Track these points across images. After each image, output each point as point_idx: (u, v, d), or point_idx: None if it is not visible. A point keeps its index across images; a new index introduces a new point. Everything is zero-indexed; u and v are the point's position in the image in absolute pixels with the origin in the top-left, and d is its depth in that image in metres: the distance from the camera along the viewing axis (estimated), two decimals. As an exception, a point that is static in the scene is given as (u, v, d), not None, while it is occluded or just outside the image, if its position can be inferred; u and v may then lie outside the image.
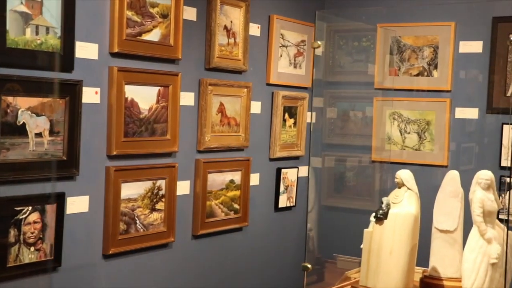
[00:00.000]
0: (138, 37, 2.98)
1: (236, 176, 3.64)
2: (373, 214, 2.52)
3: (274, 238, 4.03)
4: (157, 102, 3.11)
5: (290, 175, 4.08)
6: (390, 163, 4.13)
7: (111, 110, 2.89)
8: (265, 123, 3.88)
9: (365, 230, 2.60)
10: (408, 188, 2.62)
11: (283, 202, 4.05)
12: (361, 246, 2.59)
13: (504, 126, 3.72)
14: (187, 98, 3.30)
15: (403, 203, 2.49)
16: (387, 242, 2.51)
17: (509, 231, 2.67)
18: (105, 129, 2.90)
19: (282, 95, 3.92)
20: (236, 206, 3.65)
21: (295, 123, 4.08)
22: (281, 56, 3.93)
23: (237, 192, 3.65)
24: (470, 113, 3.86)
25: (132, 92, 2.98)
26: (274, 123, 3.91)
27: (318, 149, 4.36)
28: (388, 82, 4.11)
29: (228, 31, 3.50)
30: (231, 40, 3.53)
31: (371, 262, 2.49)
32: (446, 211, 2.72)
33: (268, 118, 3.90)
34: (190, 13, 3.28)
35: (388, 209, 2.46)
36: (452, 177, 2.87)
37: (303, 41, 4.09)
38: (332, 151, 4.36)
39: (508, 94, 3.71)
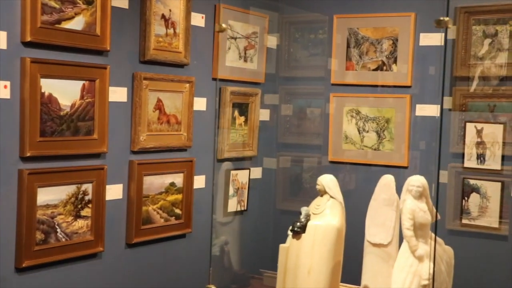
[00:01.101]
0: (57, 25, 2.67)
1: (178, 179, 3.35)
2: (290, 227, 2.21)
3: (222, 245, 3.74)
4: (81, 97, 2.80)
5: (240, 177, 3.80)
6: (348, 164, 3.86)
7: (24, 107, 2.58)
8: (212, 121, 3.59)
9: (281, 246, 2.26)
10: (331, 197, 2.29)
11: (233, 206, 3.77)
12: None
13: (468, 124, 3.47)
14: (118, 94, 3.00)
15: (325, 214, 2.17)
16: (305, 259, 2.18)
17: (447, 246, 2.31)
18: (17, 128, 2.59)
19: (230, 90, 3.63)
20: (177, 211, 3.35)
21: (246, 121, 3.80)
22: (229, 48, 3.64)
23: (179, 196, 3.36)
24: (432, 110, 3.60)
25: (50, 86, 2.67)
26: (222, 121, 3.62)
27: (273, 149, 4.08)
28: (345, 77, 3.84)
29: (166, 20, 3.20)
30: (170, 31, 3.23)
31: (287, 283, 2.18)
32: (379, 221, 2.40)
33: (215, 116, 3.60)
34: (120, 0, 2.98)
35: (307, 220, 2.15)
36: (386, 183, 2.52)
37: (254, 32, 3.81)
38: (287, 151, 4.08)
39: (472, 90, 3.46)
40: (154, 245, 3.25)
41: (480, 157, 3.43)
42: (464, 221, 3.49)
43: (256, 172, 3.96)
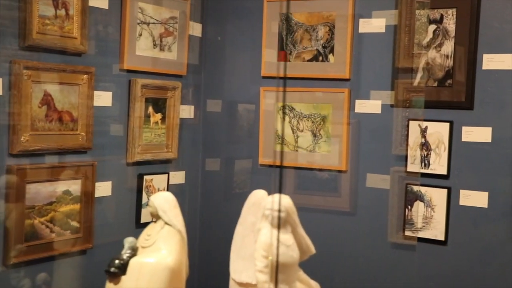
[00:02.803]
0: None
1: (74, 186, 2.86)
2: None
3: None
4: None
5: (156, 182, 3.32)
6: (281, 167, 3.41)
7: None
8: (120, 119, 3.11)
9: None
10: (166, 223, 1.73)
11: (147, 216, 3.28)
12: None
13: (411, 122, 3.04)
14: (-10, 86, 2.51)
15: (157, 247, 1.59)
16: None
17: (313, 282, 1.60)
18: None
19: (142, 83, 3.14)
20: (74, 224, 2.87)
21: (164, 119, 3.32)
22: (140, 35, 3.16)
23: (76, 206, 2.87)
24: (372, 106, 3.17)
25: None
26: (131, 119, 3.13)
27: (197, 150, 3.61)
28: (277, 69, 3.39)
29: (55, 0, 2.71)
30: (61, 12, 2.74)
31: None
32: (246, 254, 1.72)
33: (124, 112, 3.12)
34: (-8, -27, 2.49)
35: (131, 256, 1.63)
36: (256, 201, 1.84)
37: (173, 17, 3.33)
38: (214, 153, 3.62)
39: (415, 83, 3.03)
40: (43, 264, 2.76)
41: (424, 160, 3.01)
42: (407, 233, 3.06)
43: (178, 177, 3.49)
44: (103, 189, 3.02)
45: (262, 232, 1.52)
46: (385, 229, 3.14)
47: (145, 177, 3.24)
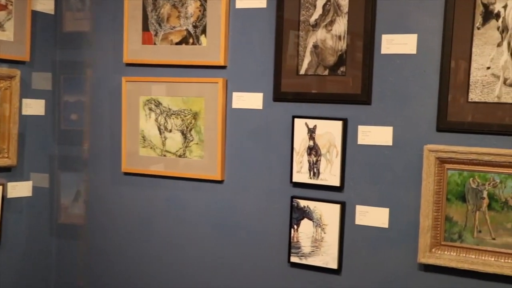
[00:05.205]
0: None
1: None
2: None
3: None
4: None
5: (-16, 197, 2.63)
6: (147, 176, 2.76)
7: None
8: None
9: None
10: None
11: (-29, 239, 2.60)
12: None
13: (296, 120, 2.43)
14: None
15: None
16: None
17: None
18: None
19: (-44, 70, 2.45)
20: None
21: (-5, 116, 2.63)
22: (-47, 8, 2.47)
23: None
24: (253, 100, 2.54)
25: None
26: None
27: (45, 156, 2.93)
28: (142, 55, 2.73)
29: None
30: None
31: None
32: None
33: None
34: None
35: None
36: None
37: (5, -13, 2.65)
38: (69, 159, 2.94)
39: (302, 72, 2.42)
40: None
41: (313, 168, 2.40)
42: (294, 259, 2.45)
43: (21, 189, 2.80)
44: None
45: None
46: (269, 254, 2.53)
47: (-34, 190, 2.55)
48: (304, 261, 2.43)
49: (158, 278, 2.77)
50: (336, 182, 2.36)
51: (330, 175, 2.37)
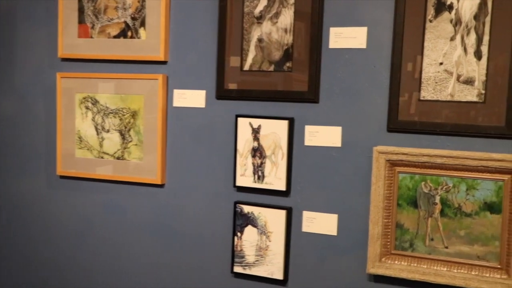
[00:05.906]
0: None
1: None
2: None
3: None
4: None
5: None
6: (84, 180, 2.56)
7: None
8: None
9: None
10: None
11: None
12: None
13: (240, 119, 2.25)
14: None
15: None
16: None
17: None
18: None
19: None
20: None
21: None
22: None
23: None
24: (195, 98, 2.36)
25: None
26: None
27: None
28: (78, 49, 2.53)
29: None
30: None
31: None
32: None
33: None
34: None
35: None
36: None
37: None
38: (-3, 161, 2.74)
39: (246, 68, 2.25)
40: None
41: (258, 171, 2.23)
42: (237, 268, 2.27)
43: None
44: None
45: None
46: (211, 263, 2.35)
47: None
48: (248, 271, 2.26)
49: (96, 290, 2.57)
50: (282, 186, 2.19)
51: (275, 178, 2.20)
